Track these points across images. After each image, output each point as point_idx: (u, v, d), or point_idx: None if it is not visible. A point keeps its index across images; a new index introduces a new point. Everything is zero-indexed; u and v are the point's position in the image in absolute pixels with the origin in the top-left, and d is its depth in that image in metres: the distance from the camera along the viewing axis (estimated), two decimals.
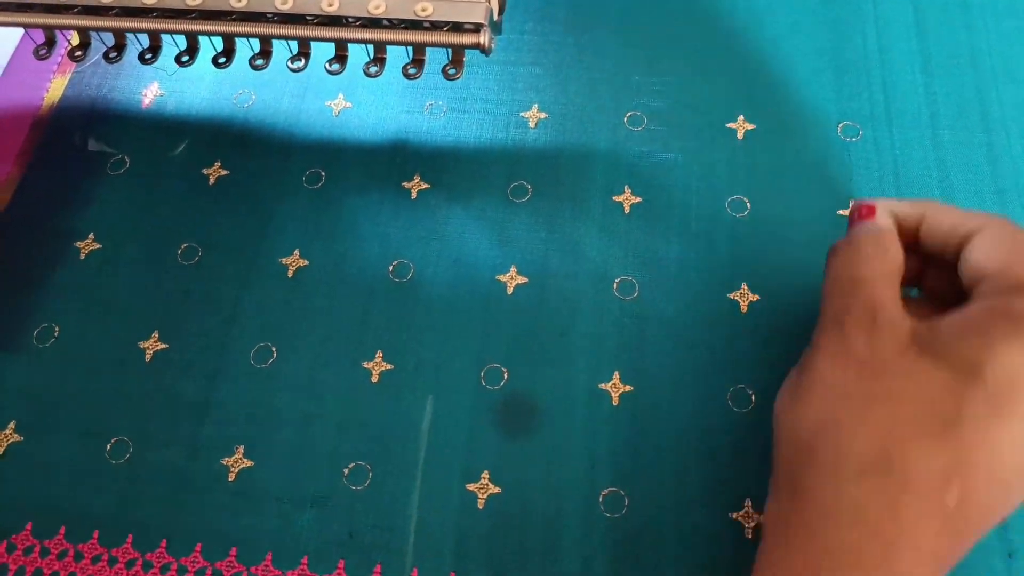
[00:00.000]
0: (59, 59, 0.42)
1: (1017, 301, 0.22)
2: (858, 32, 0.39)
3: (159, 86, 0.41)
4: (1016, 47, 0.38)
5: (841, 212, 0.34)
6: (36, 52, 0.36)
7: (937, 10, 0.39)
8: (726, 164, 0.36)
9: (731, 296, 0.33)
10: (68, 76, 0.41)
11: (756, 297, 0.33)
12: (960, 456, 0.21)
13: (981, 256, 0.24)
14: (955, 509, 0.21)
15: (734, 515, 0.29)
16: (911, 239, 0.27)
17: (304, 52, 0.34)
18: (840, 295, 0.26)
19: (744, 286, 0.33)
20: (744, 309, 0.33)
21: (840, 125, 0.36)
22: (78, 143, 0.39)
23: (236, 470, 0.31)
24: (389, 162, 0.37)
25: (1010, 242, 0.24)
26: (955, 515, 0.21)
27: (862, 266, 0.26)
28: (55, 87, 0.41)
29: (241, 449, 0.31)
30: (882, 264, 0.25)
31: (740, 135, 0.37)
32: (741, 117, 0.37)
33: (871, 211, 0.27)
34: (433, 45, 0.31)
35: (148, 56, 0.36)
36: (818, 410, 0.24)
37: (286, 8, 0.31)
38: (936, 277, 0.28)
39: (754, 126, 0.37)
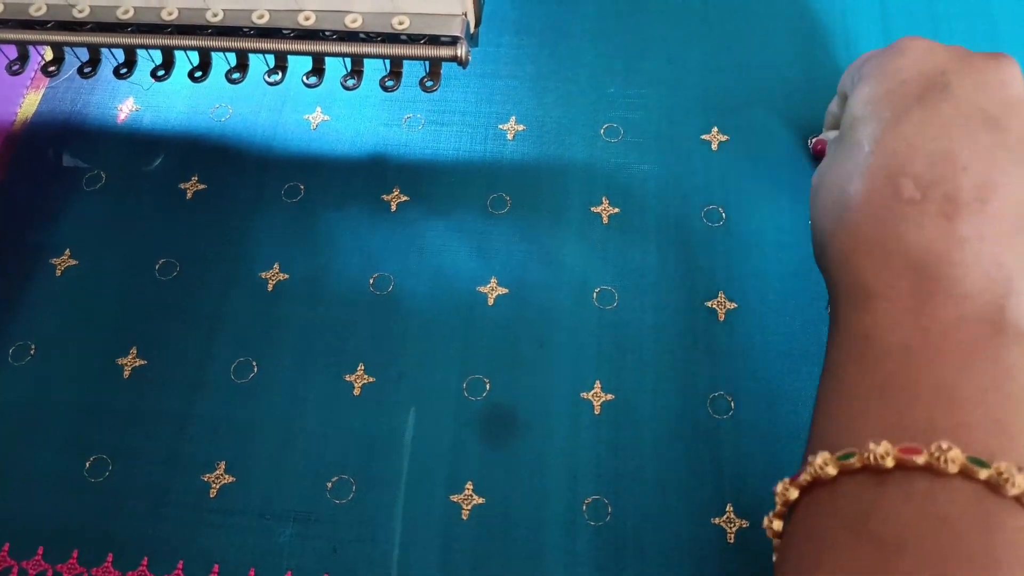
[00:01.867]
0: (32, 74, 0.42)
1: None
2: (829, 46, 0.40)
3: (134, 101, 0.40)
4: None
5: None
6: (9, 68, 0.36)
7: (907, 22, 0.40)
8: (701, 175, 0.36)
9: (709, 304, 0.33)
10: (41, 91, 0.41)
11: (733, 305, 0.33)
12: None
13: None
14: None
15: (716, 520, 0.29)
16: None
17: (281, 66, 0.34)
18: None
19: (721, 294, 0.33)
20: (722, 317, 0.33)
21: (811, 138, 0.37)
22: (52, 159, 0.39)
23: (218, 486, 0.31)
24: (368, 175, 0.37)
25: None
26: None
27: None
28: (28, 102, 0.41)
29: (223, 465, 0.31)
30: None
31: (714, 146, 0.37)
32: (715, 129, 0.38)
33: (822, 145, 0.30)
34: (410, 58, 0.31)
35: (123, 71, 0.35)
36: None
37: (262, 22, 0.31)
38: None
39: (727, 138, 0.37)
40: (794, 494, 0.23)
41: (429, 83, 0.33)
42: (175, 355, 0.34)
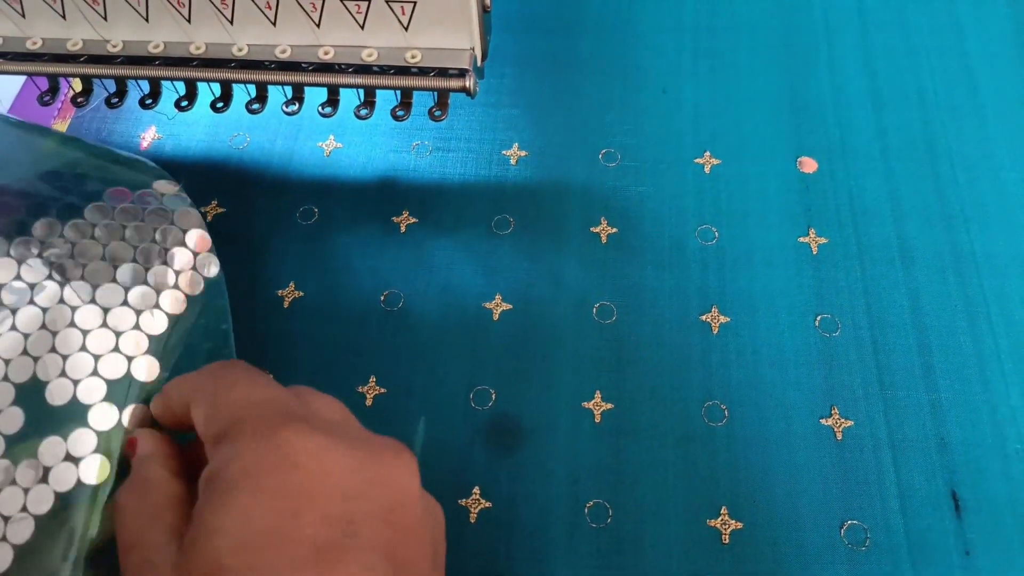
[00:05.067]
0: (60, 104, 0.44)
1: (214, 461, 0.21)
2: (814, 74, 0.42)
3: (156, 130, 0.43)
4: (958, 85, 0.41)
5: (801, 239, 0.37)
6: (40, 99, 0.38)
7: (886, 52, 0.43)
8: (694, 196, 0.38)
9: (702, 318, 0.35)
10: (68, 120, 0.43)
11: (726, 319, 0.35)
12: None
13: (199, 426, 0.23)
14: None
15: (711, 522, 0.31)
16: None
17: (298, 96, 0.36)
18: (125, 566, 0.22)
19: (714, 308, 0.35)
20: (715, 330, 0.35)
21: (799, 160, 0.39)
22: None
23: None
24: (378, 198, 0.39)
25: (208, 400, 0.23)
26: None
27: (126, 528, 0.22)
28: None
29: None
30: (143, 515, 0.22)
31: (707, 169, 0.39)
32: (707, 153, 0.40)
33: (133, 444, 0.25)
34: (421, 89, 0.33)
35: (149, 101, 0.37)
36: None
37: (284, 57, 0.33)
38: None
39: (720, 161, 0.39)
40: None
41: (438, 112, 0.35)
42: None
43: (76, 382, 0.26)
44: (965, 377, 0.33)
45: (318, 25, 0.32)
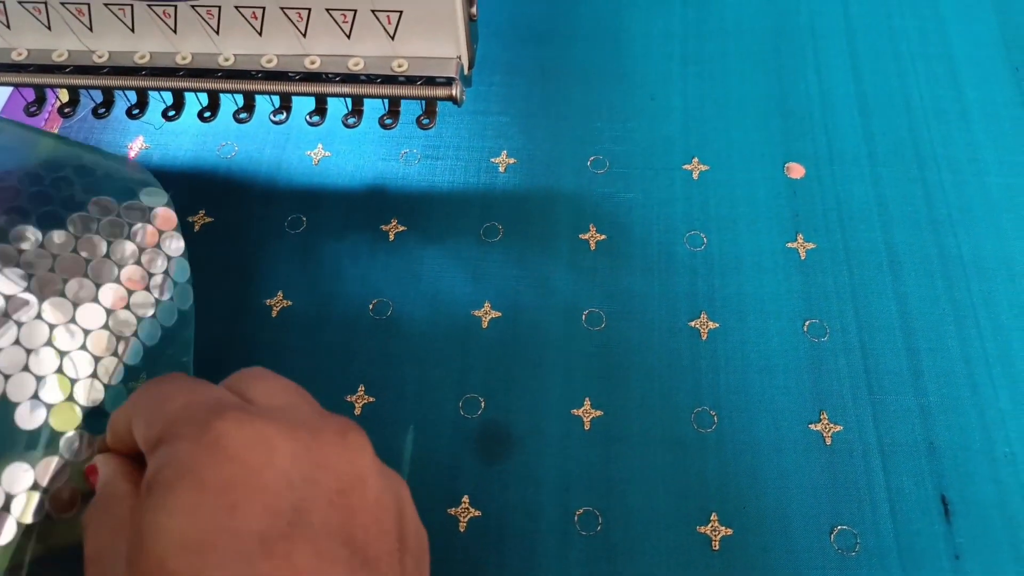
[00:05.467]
0: (47, 114, 0.44)
1: (150, 467, 0.20)
2: (801, 79, 0.42)
3: (144, 139, 0.42)
4: (944, 89, 0.41)
5: (789, 244, 0.37)
6: (27, 110, 0.38)
7: (872, 57, 0.43)
8: (683, 203, 0.38)
9: (692, 324, 0.35)
10: (55, 131, 0.43)
11: (715, 324, 0.35)
12: None
13: (139, 441, 0.22)
14: None
15: (701, 529, 0.31)
16: None
17: (286, 106, 0.36)
18: None
19: (703, 314, 0.35)
20: (704, 336, 0.35)
21: (786, 165, 0.39)
22: None
23: None
24: (367, 207, 0.39)
25: (144, 414, 0.22)
26: None
27: (90, 545, 0.22)
28: None
29: None
30: (105, 530, 0.22)
31: (695, 176, 0.39)
32: (695, 159, 0.40)
33: (92, 471, 0.24)
34: (408, 98, 0.33)
35: (136, 111, 0.37)
36: None
37: (271, 66, 0.33)
38: None
39: (708, 167, 0.39)
40: None
41: (425, 121, 0.35)
42: None
43: (50, 407, 0.25)
44: (953, 381, 0.33)
45: (304, 34, 0.32)
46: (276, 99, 0.36)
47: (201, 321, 0.36)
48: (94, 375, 0.26)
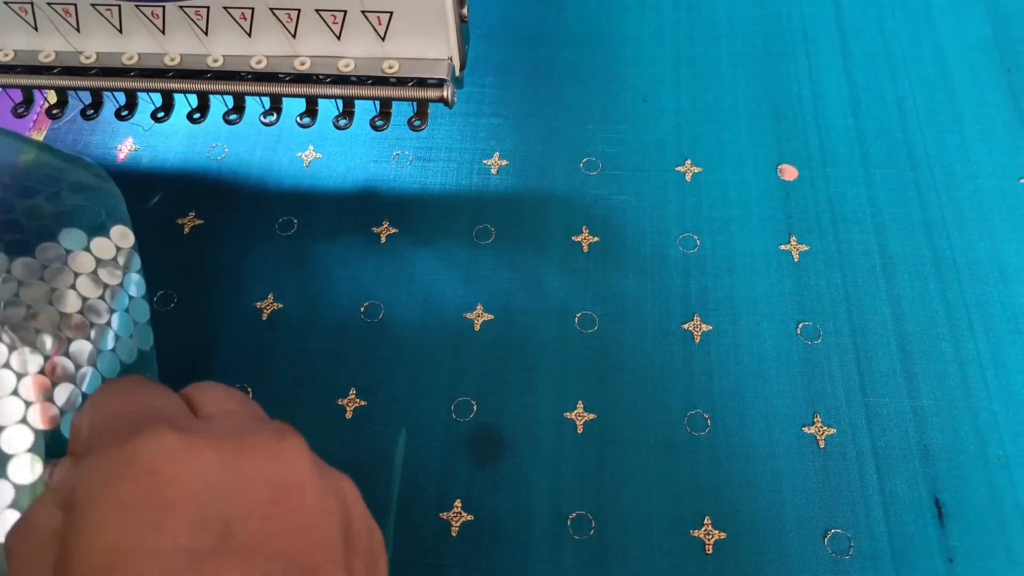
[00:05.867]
0: (35, 116, 0.43)
1: (69, 483, 0.19)
2: (793, 82, 0.42)
3: (134, 141, 0.42)
4: (936, 91, 0.41)
5: (782, 247, 0.37)
6: (14, 111, 0.37)
7: (864, 59, 0.43)
8: (676, 205, 0.38)
9: (685, 327, 0.35)
10: (44, 132, 0.43)
11: (708, 327, 0.35)
12: None
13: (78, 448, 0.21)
14: None
15: (695, 532, 0.31)
16: None
17: (276, 107, 0.36)
18: None
19: (696, 317, 0.35)
20: (697, 339, 0.35)
21: (779, 167, 0.39)
22: None
23: None
24: (359, 209, 0.39)
25: (84, 421, 0.21)
26: None
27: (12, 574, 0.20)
28: None
29: None
30: (26, 558, 0.20)
31: (688, 178, 0.39)
32: (688, 161, 0.40)
33: None
34: (399, 99, 0.33)
35: (125, 113, 0.37)
36: None
37: (260, 67, 0.32)
38: None
39: (700, 169, 0.39)
40: None
41: (417, 122, 0.35)
42: (175, 383, 0.35)
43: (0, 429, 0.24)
44: (947, 383, 0.33)
45: (294, 35, 0.31)
46: (266, 100, 0.36)
47: (190, 324, 0.36)
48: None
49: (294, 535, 0.19)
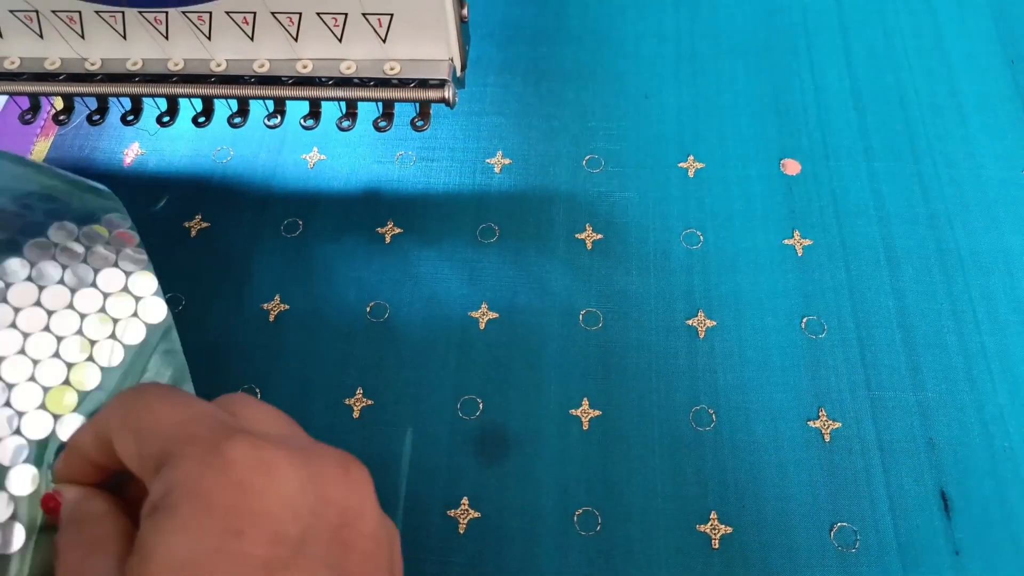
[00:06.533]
0: (42, 122, 0.44)
1: (154, 491, 0.20)
2: (795, 75, 0.42)
3: (140, 145, 0.42)
4: (938, 83, 0.41)
5: (786, 241, 0.37)
6: (22, 118, 0.38)
7: (866, 53, 0.43)
8: (679, 201, 0.38)
9: (689, 322, 0.35)
10: (51, 139, 0.43)
11: (712, 323, 0.35)
12: None
13: (130, 460, 0.21)
14: None
15: (701, 527, 0.31)
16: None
17: (280, 110, 0.36)
18: None
19: (700, 312, 0.35)
20: (702, 334, 0.35)
21: (782, 162, 0.39)
22: None
23: None
24: (363, 210, 0.39)
25: (131, 430, 0.21)
26: None
27: (65, 566, 0.21)
28: (38, 150, 0.43)
29: None
30: (82, 548, 0.21)
31: (691, 173, 0.39)
32: (691, 157, 0.40)
33: (50, 499, 0.23)
34: (401, 100, 0.33)
35: (130, 118, 0.37)
36: None
37: (263, 71, 0.33)
38: None
39: (703, 165, 0.39)
40: None
41: (420, 123, 0.35)
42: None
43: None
44: (952, 376, 0.33)
45: (296, 39, 0.32)
46: (270, 103, 0.36)
47: (198, 327, 0.36)
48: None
49: (356, 560, 0.20)
